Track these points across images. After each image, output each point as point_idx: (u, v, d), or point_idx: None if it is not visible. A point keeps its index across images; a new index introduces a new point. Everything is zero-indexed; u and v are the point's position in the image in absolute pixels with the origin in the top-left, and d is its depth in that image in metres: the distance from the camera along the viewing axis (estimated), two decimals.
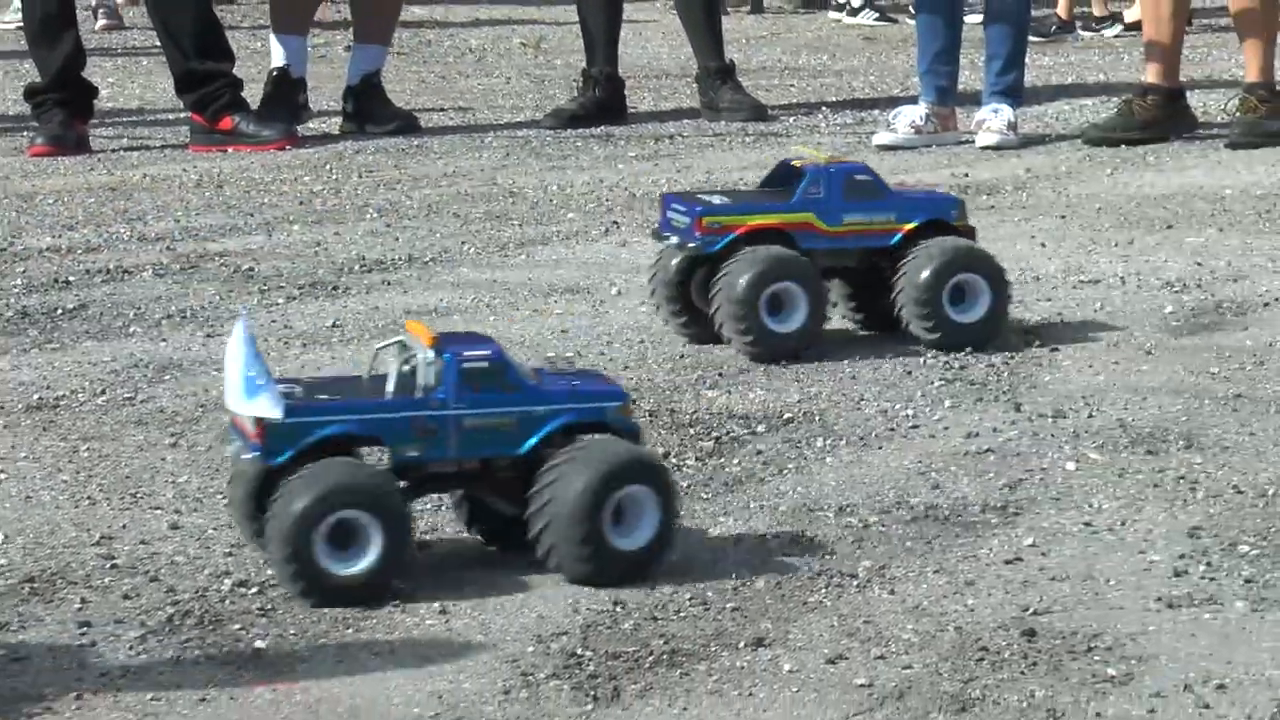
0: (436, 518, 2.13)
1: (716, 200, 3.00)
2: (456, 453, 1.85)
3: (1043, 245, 3.92)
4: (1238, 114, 4.84)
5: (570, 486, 1.73)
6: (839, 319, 3.04)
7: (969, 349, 2.87)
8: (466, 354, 1.84)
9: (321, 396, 1.92)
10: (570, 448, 1.78)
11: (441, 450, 1.84)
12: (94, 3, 7.35)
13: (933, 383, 2.81)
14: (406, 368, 1.83)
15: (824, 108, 5.85)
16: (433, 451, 1.84)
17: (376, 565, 1.73)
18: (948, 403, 2.70)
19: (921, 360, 2.94)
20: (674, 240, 2.95)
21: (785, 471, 2.36)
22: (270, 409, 1.72)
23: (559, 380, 2.02)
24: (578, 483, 1.73)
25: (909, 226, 2.89)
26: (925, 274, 2.81)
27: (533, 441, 1.81)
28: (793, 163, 3.11)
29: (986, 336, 2.91)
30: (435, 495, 2.05)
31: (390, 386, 1.86)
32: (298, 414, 1.79)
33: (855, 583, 1.83)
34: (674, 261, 2.96)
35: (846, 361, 2.95)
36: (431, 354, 1.81)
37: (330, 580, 1.74)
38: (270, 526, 1.73)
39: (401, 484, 1.86)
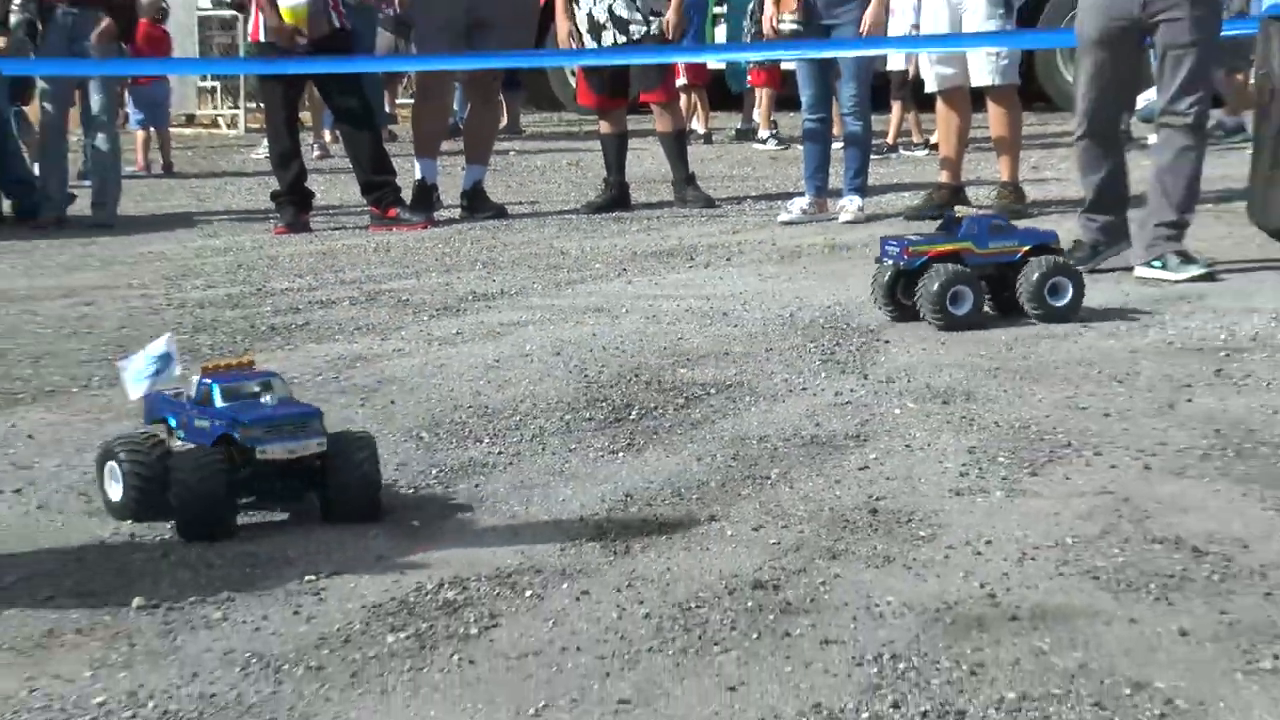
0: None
1: (913, 237, 4.45)
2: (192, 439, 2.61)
3: None
4: (996, 201, 6.75)
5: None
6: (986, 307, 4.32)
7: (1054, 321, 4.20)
8: (206, 381, 2.61)
9: (166, 395, 2.72)
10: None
11: (189, 436, 2.61)
12: (311, 140, 10.25)
13: (815, 363, 3.88)
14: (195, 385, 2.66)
15: (748, 200, 8.08)
16: (186, 435, 2.62)
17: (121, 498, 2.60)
18: (824, 374, 3.75)
19: (807, 349, 4.05)
20: (889, 261, 4.28)
21: (727, 417, 3.33)
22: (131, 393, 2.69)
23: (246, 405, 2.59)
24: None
25: (1026, 249, 4.30)
26: (1035, 276, 4.18)
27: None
28: (955, 215, 4.95)
29: (1070, 315, 4.20)
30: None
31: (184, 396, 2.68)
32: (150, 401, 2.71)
33: (770, 482, 2.75)
34: (887, 275, 4.30)
35: (764, 352, 4.03)
36: (195, 378, 2.66)
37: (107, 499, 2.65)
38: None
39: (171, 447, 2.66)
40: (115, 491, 2.60)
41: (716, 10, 12.27)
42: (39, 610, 2.15)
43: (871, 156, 7.33)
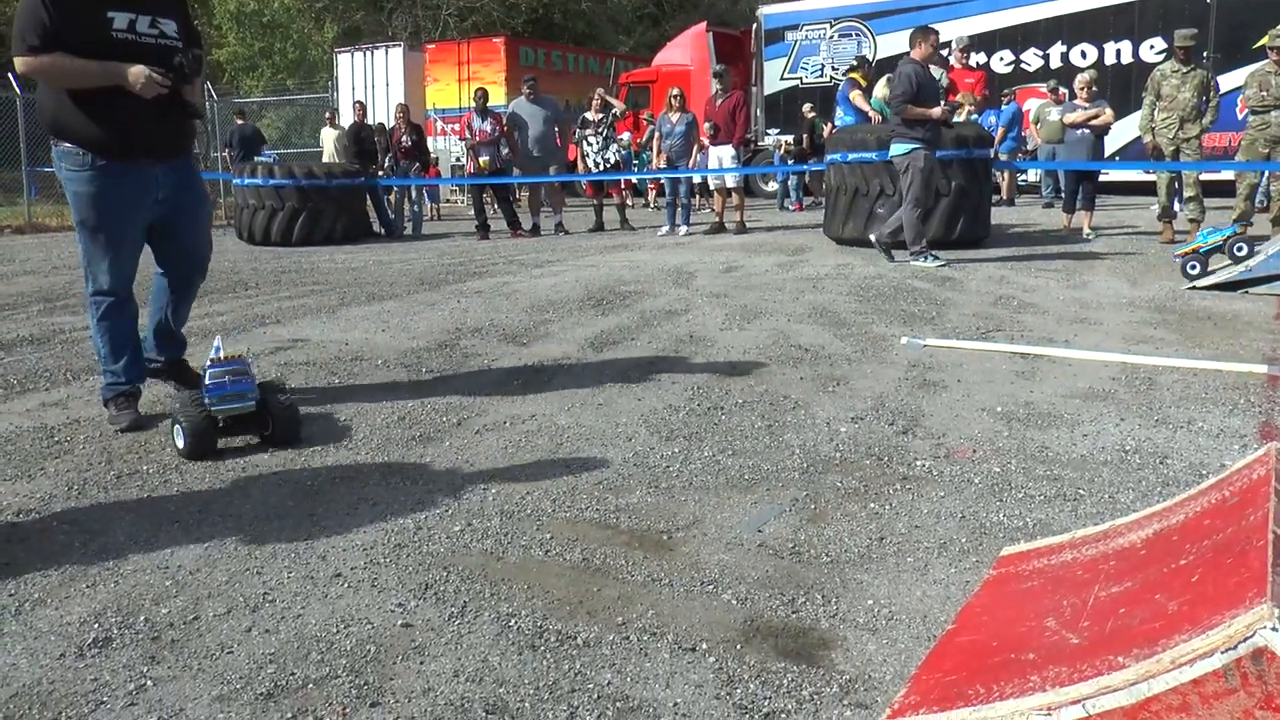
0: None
1: None
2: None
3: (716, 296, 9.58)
4: None
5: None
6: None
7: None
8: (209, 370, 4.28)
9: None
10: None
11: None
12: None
13: (670, 285, 8.37)
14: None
15: (648, 228, 12.69)
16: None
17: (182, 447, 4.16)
18: (674, 288, 8.11)
19: (668, 280, 8.40)
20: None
21: (641, 301, 7.69)
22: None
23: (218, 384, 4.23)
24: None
25: None
26: None
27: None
28: None
29: None
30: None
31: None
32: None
33: (659, 324, 7.05)
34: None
35: (655, 281, 8.36)
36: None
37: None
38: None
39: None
40: (180, 440, 4.18)
41: None
42: None
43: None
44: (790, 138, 20.22)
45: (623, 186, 16.75)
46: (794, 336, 6.41)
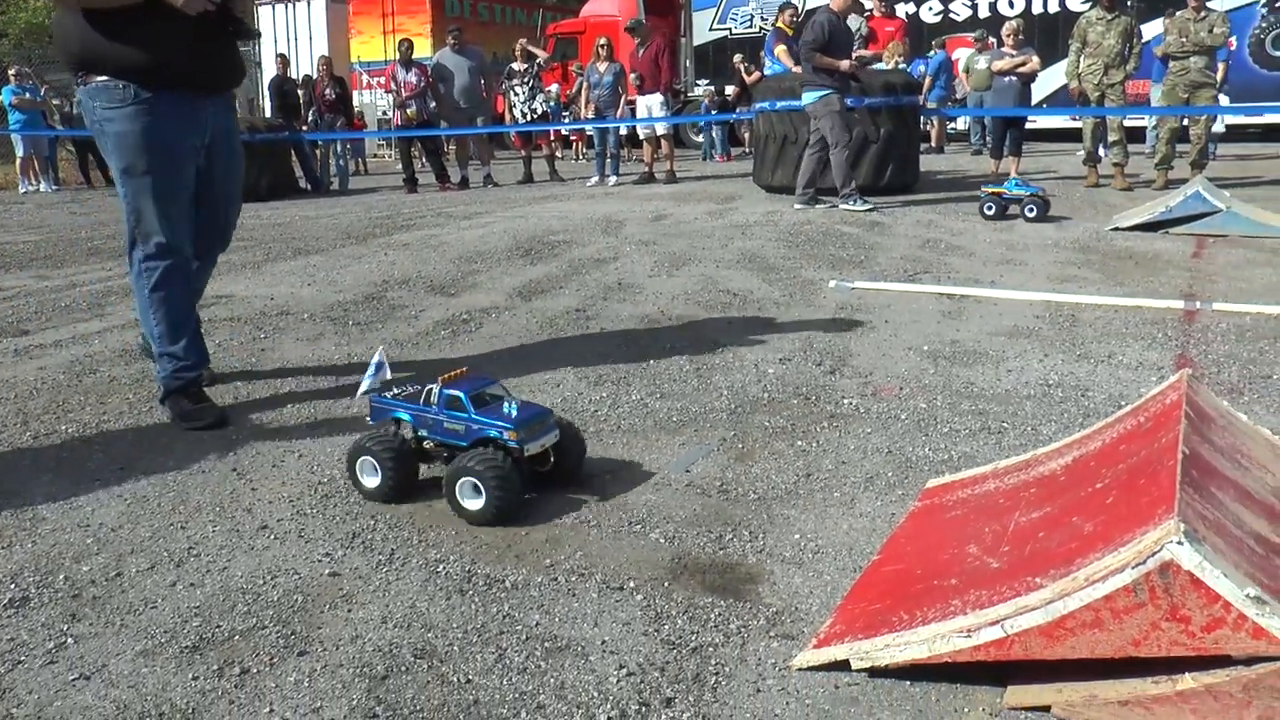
0: None
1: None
2: (441, 437, 3.07)
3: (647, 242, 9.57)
4: None
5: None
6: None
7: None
8: (449, 391, 3.04)
9: (400, 397, 3.18)
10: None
11: (435, 435, 3.09)
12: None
13: (599, 233, 8.39)
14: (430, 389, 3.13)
15: (578, 179, 12.44)
16: (432, 434, 3.09)
17: (380, 484, 3.04)
18: (602, 235, 8.07)
19: (597, 228, 8.37)
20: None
21: (570, 250, 7.66)
22: (362, 396, 3.23)
23: (495, 409, 3.01)
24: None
25: None
26: None
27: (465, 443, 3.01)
28: None
29: None
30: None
31: (422, 399, 3.14)
32: (380, 403, 3.21)
33: (585, 271, 7.01)
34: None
35: (582, 229, 8.33)
36: (436, 386, 3.10)
37: (361, 487, 3.10)
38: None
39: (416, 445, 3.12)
40: (372, 480, 3.06)
41: None
42: None
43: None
44: (713, 88, 20.20)
45: (551, 137, 16.62)
46: (723, 282, 6.41)
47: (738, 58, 18.95)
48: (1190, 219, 7.84)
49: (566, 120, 18.59)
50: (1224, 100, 12.97)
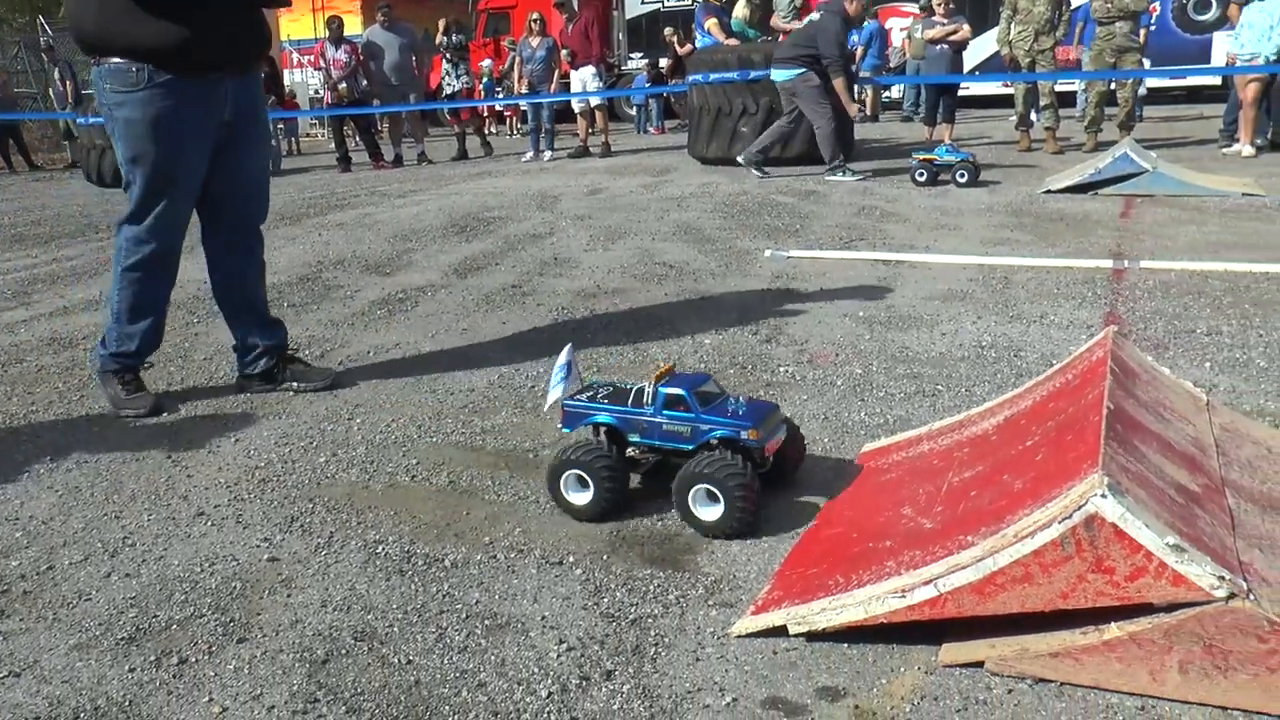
0: None
1: None
2: (659, 441, 2.72)
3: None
4: None
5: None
6: None
7: None
8: (668, 389, 2.69)
9: (597, 399, 2.81)
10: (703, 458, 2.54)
11: (650, 439, 2.73)
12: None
13: (534, 209, 8.39)
14: (642, 389, 2.75)
15: (513, 155, 12.97)
16: (646, 438, 2.73)
17: (592, 500, 2.67)
18: (537, 211, 8.05)
19: (532, 204, 8.34)
20: None
21: (505, 226, 7.60)
22: (554, 403, 2.78)
23: (722, 407, 2.68)
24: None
25: None
26: None
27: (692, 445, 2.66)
28: None
29: None
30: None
31: (630, 400, 2.76)
32: (575, 407, 2.81)
33: (524, 247, 6.97)
34: None
35: (519, 206, 8.31)
36: (650, 385, 2.72)
37: (566, 504, 2.70)
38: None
39: (628, 453, 2.75)
40: (583, 497, 2.70)
41: None
42: None
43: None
44: (647, 61, 20.15)
45: (484, 113, 16.47)
46: (658, 255, 6.41)
47: (669, 30, 18.91)
48: (1119, 180, 7.95)
49: (500, 96, 18.46)
50: (1148, 64, 13.15)
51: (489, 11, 23.59)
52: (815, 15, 9.79)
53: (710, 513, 2.56)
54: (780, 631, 2.08)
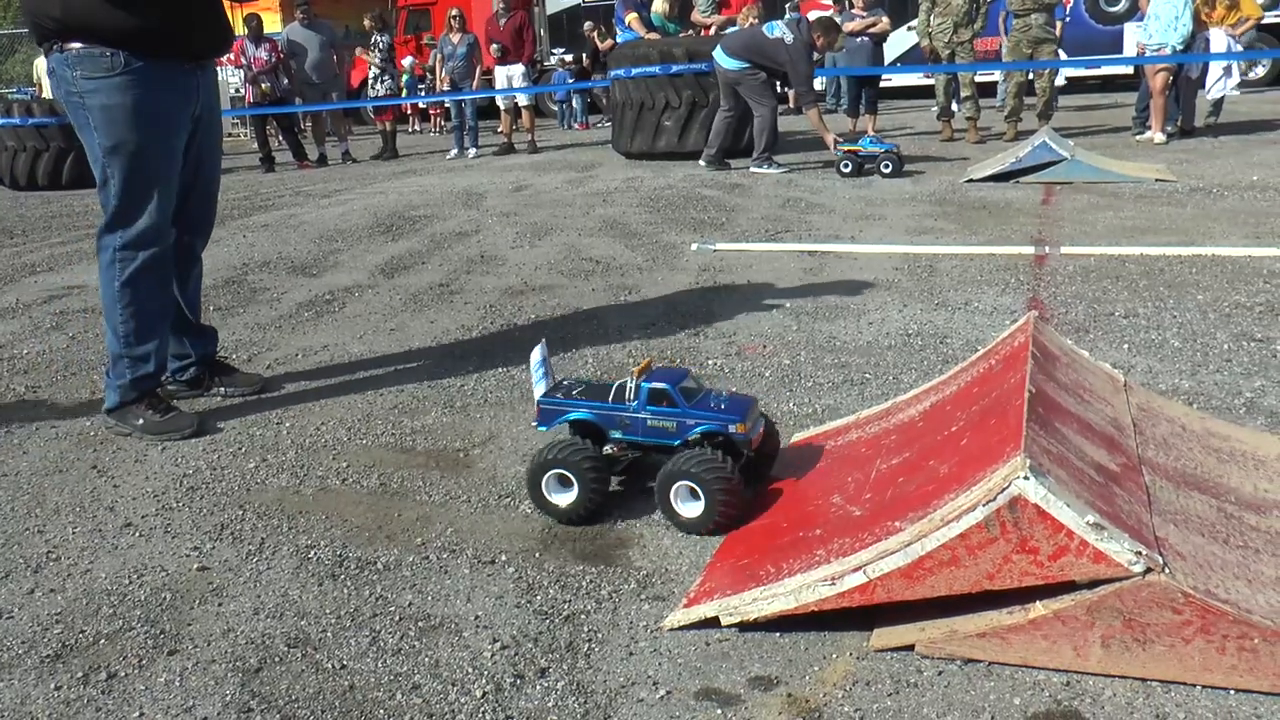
0: None
1: None
2: (642, 437, 2.66)
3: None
4: None
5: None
6: None
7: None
8: (652, 384, 2.63)
9: (572, 395, 2.73)
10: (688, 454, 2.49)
11: (633, 435, 2.67)
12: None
13: (498, 207, 8.16)
14: (624, 385, 2.68)
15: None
16: (628, 435, 2.68)
17: (574, 501, 2.59)
18: (515, 242, 7.99)
19: (488, 198, 8.26)
20: None
21: (438, 223, 7.57)
22: (536, 398, 2.74)
23: (705, 401, 2.64)
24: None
25: None
26: None
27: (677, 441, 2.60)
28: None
29: None
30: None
31: (611, 395, 2.70)
32: (551, 404, 2.72)
33: (465, 241, 6.98)
34: None
35: (462, 202, 8.21)
36: (632, 381, 2.65)
37: (549, 506, 2.63)
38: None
39: (606, 450, 2.66)
40: (565, 497, 2.63)
41: None
42: None
43: None
44: (571, 56, 20.12)
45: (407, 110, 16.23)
46: (585, 250, 6.41)
47: (589, 25, 18.89)
48: (1038, 168, 8.09)
49: (423, 93, 18.32)
50: (1063, 55, 13.39)
51: (409, 9, 23.39)
52: (781, 30, 9.60)
53: (692, 509, 2.54)
54: (713, 623, 2.09)
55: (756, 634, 2.07)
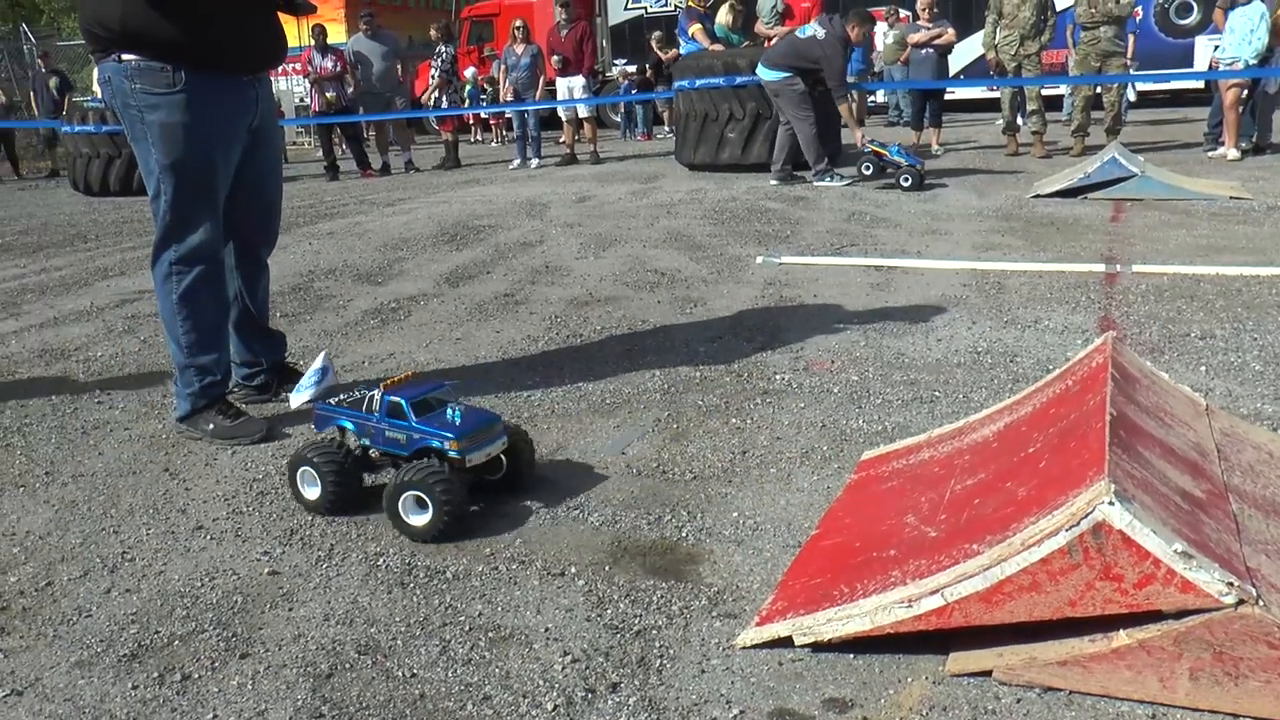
0: None
1: None
2: (383, 446, 2.89)
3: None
4: None
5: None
6: None
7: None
8: (391, 397, 2.85)
9: (344, 404, 2.97)
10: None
11: (377, 444, 2.90)
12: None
13: (523, 215, 8.30)
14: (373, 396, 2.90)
15: (499, 163, 12.77)
16: (374, 443, 2.91)
17: (321, 497, 2.86)
18: (526, 218, 8.01)
19: (522, 212, 8.31)
20: None
21: (495, 234, 7.59)
22: (303, 404, 3.17)
23: (438, 416, 2.82)
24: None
25: None
26: None
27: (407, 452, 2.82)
28: None
29: None
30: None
31: (364, 407, 2.92)
32: (325, 411, 2.99)
33: (502, 257, 7.01)
34: None
35: (507, 214, 8.28)
36: (378, 393, 2.89)
37: (301, 499, 2.91)
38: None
39: (356, 453, 2.91)
40: (312, 492, 2.88)
41: None
42: None
43: None
44: (634, 67, 20.15)
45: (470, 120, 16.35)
46: (650, 262, 6.41)
47: (657, 35, 18.91)
48: (1107, 184, 7.98)
49: (485, 103, 18.44)
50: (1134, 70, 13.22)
51: (472, 19, 23.57)
52: (814, 28, 9.66)
53: (421, 519, 2.69)
54: (785, 642, 2.07)
55: (830, 655, 2.04)
